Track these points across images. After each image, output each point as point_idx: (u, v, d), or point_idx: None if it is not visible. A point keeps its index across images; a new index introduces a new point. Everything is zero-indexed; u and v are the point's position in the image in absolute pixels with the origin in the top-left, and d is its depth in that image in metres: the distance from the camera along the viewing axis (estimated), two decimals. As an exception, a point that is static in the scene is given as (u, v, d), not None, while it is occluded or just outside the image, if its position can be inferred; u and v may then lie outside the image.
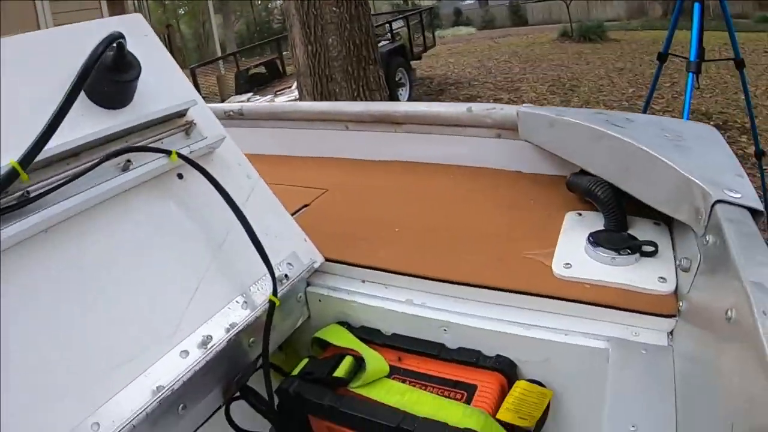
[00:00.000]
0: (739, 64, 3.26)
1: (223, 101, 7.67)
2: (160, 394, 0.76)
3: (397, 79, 7.47)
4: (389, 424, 0.83)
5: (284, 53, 8.84)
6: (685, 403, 0.73)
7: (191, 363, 0.81)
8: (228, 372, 0.88)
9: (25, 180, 0.70)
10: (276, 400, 0.94)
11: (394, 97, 6.86)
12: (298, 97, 5.04)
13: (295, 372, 0.95)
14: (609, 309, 0.90)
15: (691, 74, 2.94)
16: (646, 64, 8.40)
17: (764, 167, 3.43)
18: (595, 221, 1.10)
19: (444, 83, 8.82)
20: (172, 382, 0.78)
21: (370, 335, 0.99)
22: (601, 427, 0.78)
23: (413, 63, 8.32)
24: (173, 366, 0.79)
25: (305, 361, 0.97)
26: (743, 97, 3.42)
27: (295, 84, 5.10)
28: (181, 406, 0.79)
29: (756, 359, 0.55)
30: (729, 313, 0.65)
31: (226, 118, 1.67)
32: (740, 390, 0.58)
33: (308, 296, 1.04)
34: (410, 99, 7.54)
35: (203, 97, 1.02)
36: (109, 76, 0.82)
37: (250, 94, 7.56)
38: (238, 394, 0.91)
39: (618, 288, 0.92)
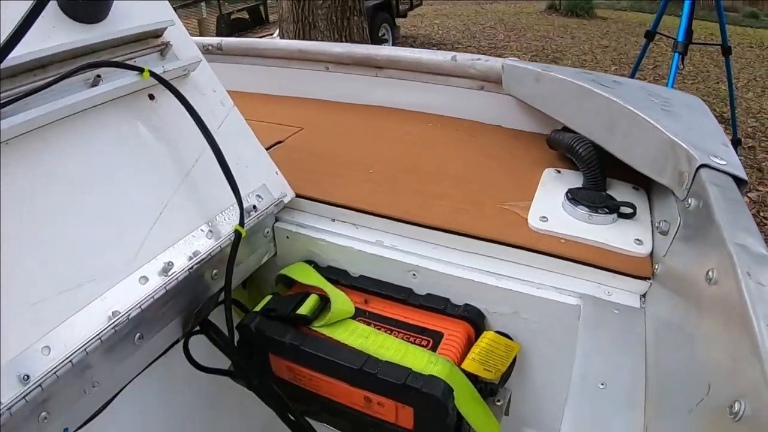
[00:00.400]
0: (726, 51, 3.27)
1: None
2: (115, 319, 0.72)
3: (380, 35, 7.33)
4: (351, 366, 0.81)
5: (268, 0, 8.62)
6: (658, 365, 0.72)
7: (150, 290, 0.77)
8: (188, 304, 0.84)
9: None
10: (236, 337, 0.91)
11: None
12: (278, 44, 4.89)
13: (258, 308, 0.92)
14: (583, 266, 0.88)
15: (677, 54, 2.93)
16: (631, 44, 8.38)
17: (739, 155, 3.48)
18: (574, 179, 1.08)
19: (427, 43, 8.68)
20: (130, 308, 0.74)
21: (337, 276, 0.96)
22: (568, 384, 0.77)
23: (398, 21, 8.16)
24: (132, 292, 0.75)
25: (268, 297, 0.94)
26: (724, 87, 3.45)
27: (276, 32, 4.96)
28: (138, 335, 0.76)
29: (738, 320, 0.53)
30: (710, 274, 0.64)
31: (205, 52, 1.58)
32: (720, 351, 0.57)
33: (276, 232, 1.00)
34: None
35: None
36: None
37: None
38: (197, 328, 0.88)
39: (593, 246, 0.90)
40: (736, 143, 3.46)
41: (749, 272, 0.57)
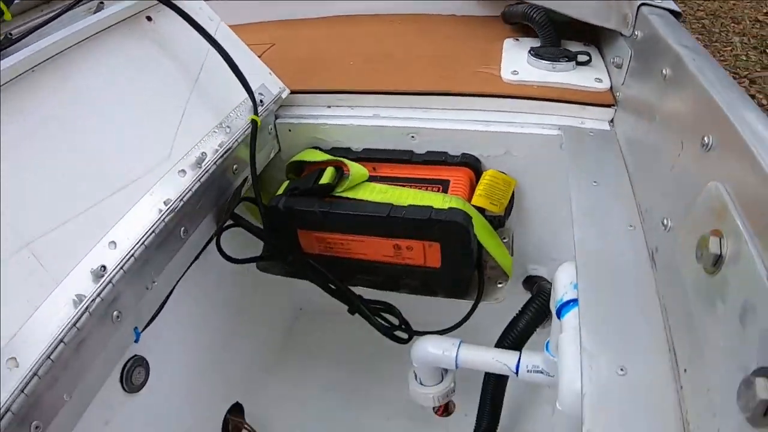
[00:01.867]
0: None
1: None
2: (165, 210, 0.79)
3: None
4: (380, 215, 0.91)
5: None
6: (637, 173, 0.85)
7: (189, 182, 0.85)
8: (217, 199, 0.92)
9: (8, 19, 0.71)
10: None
11: None
12: None
13: (279, 192, 1.00)
14: (556, 103, 1.01)
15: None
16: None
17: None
18: (532, 43, 1.19)
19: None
20: (176, 199, 0.81)
21: (342, 153, 1.04)
22: (561, 212, 0.91)
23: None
24: (174, 184, 0.83)
25: (286, 183, 1.02)
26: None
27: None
28: (183, 229, 0.83)
29: (693, 98, 0.67)
30: (664, 71, 0.77)
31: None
32: (677, 134, 0.70)
33: (278, 128, 1.08)
34: None
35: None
36: None
37: None
38: (230, 222, 0.96)
39: (561, 88, 1.03)
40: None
41: (695, 59, 0.70)
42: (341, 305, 1.19)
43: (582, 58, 1.10)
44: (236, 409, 1.23)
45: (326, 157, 1.02)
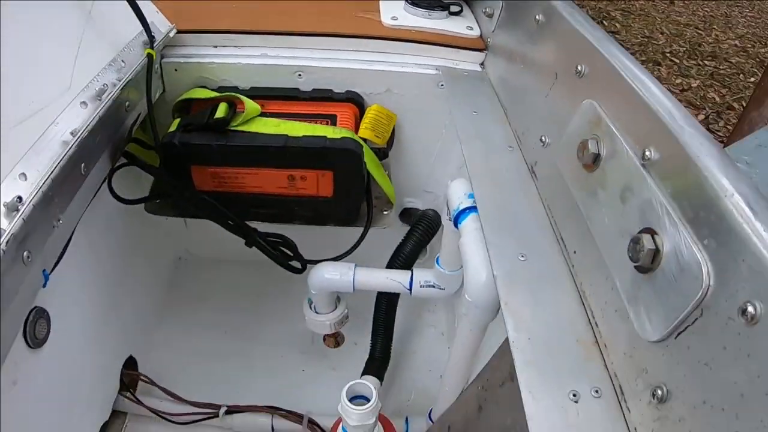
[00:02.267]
0: None
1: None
2: (75, 139, 0.77)
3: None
4: (276, 145, 0.95)
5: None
6: (511, 105, 0.97)
7: (92, 113, 0.83)
8: (112, 135, 0.90)
9: None
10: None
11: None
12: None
13: (172, 129, 1.00)
14: (433, 46, 1.11)
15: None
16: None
17: None
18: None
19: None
20: (82, 129, 0.80)
21: (230, 92, 1.05)
22: (441, 144, 1.00)
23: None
24: (77, 114, 0.81)
25: (176, 120, 1.02)
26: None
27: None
28: (83, 164, 0.80)
29: (565, 37, 0.79)
30: (537, 17, 0.88)
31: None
32: (550, 67, 0.81)
33: (163, 68, 1.07)
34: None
35: None
36: None
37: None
38: (124, 161, 0.96)
39: (437, 33, 1.13)
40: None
41: (564, 6, 0.82)
42: (221, 252, 1.21)
43: (454, 8, 1.21)
44: (131, 363, 1.22)
45: (214, 94, 1.04)
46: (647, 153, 0.54)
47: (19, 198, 0.65)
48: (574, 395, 0.53)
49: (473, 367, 0.87)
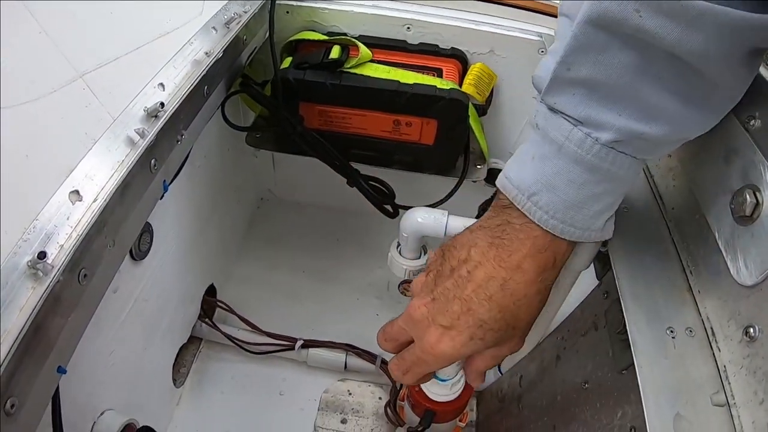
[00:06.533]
0: None
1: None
2: (210, 59, 0.83)
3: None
4: (389, 89, 0.99)
5: None
6: None
7: (221, 38, 0.89)
8: (230, 64, 0.95)
9: None
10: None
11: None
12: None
13: (285, 66, 1.04)
14: (539, 14, 1.15)
15: None
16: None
17: None
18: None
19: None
20: (217, 51, 0.86)
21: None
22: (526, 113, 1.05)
23: None
24: (210, 37, 0.87)
25: (288, 59, 1.06)
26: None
27: None
28: (206, 87, 0.85)
29: None
30: None
31: None
32: None
33: (276, 8, 1.11)
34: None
35: None
36: None
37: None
38: (237, 89, 1.00)
39: (542, 2, 1.17)
40: None
41: None
42: (303, 195, 1.24)
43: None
44: (210, 291, 1.26)
45: (325, 37, 1.08)
46: (752, 122, 0.57)
47: (162, 104, 0.70)
48: (672, 331, 0.57)
49: (550, 324, 0.91)
